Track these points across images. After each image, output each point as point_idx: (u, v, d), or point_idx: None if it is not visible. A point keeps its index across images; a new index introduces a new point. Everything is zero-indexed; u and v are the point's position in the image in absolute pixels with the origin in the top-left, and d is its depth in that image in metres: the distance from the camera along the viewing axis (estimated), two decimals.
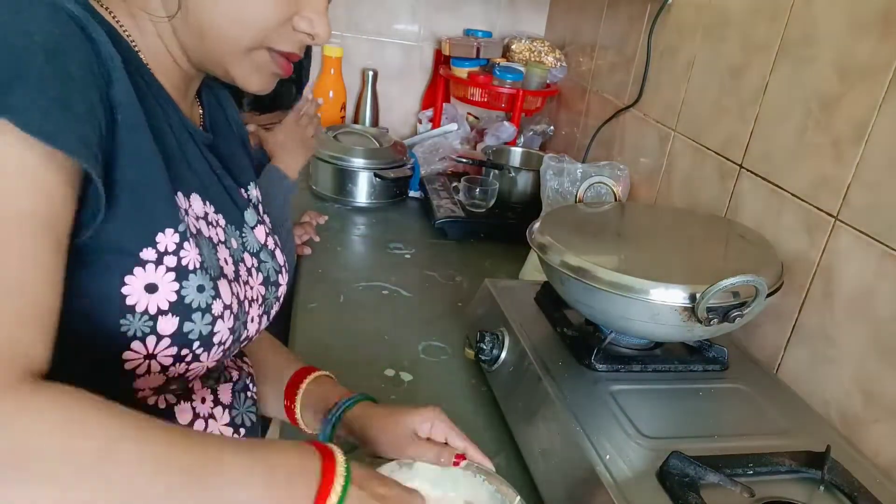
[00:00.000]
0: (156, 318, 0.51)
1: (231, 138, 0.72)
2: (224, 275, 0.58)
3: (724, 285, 0.74)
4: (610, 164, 1.49)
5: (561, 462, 0.75)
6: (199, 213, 0.58)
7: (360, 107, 2.11)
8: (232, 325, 0.58)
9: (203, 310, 0.54)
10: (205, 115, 0.68)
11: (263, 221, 0.72)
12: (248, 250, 0.66)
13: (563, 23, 2.08)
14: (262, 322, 0.67)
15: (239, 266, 0.63)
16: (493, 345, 0.94)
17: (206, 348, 0.56)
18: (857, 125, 0.89)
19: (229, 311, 0.57)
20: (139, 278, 0.50)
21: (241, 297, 0.61)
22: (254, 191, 0.73)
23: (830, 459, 0.72)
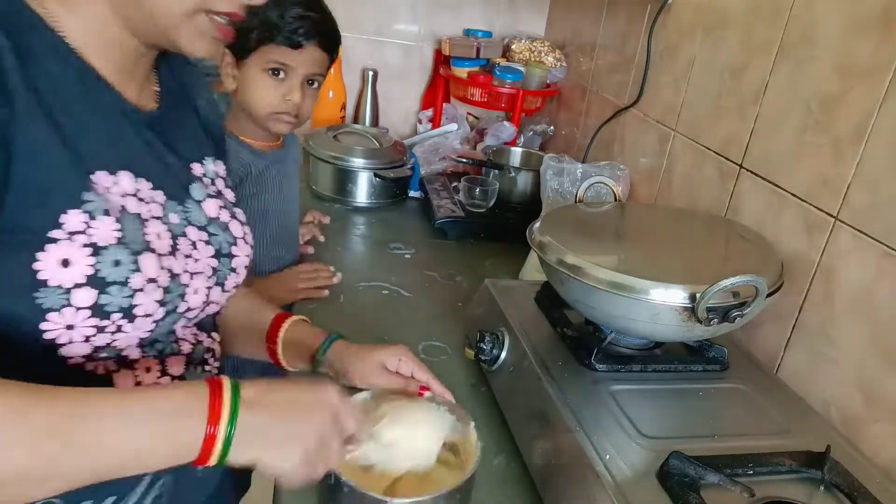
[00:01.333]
0: (70, 291, 0.54)
1: (188, 117, 0.73)
2: (151, 249, 0.60)
3: (724, 285, 0.74)
4: (610, 164, 1.49)
5: (561, 462, 0.75)
6: (128, 189, 0.60)
7: (360, 107, 2.11)
8: (160, 297, 0.60)
9: (120, 283, 0.56)
10: (161, 92, 0.69)
11: (219, 196, 0.73)
12: (194, 224, 0.68)
13: (563, 23, 2.08)
14: (213, 293, 0.69)
15: (178, 240, 0.65)
16: (493, 345, 0.94)
17: (129, 320, 0.58)
18: (857, 125, 0.89)
19: (154, 285, 0.59)
20: (51, 254, 0.53)
21: (178, 271, 0.63)
22: (211, 165, 0.74)
23: (830, 459, 0.72)
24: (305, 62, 1.09)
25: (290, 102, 1.10)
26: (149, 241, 0.60)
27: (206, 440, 0.51)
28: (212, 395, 0.52)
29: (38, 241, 0.52)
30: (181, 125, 0.71)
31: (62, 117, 0.55)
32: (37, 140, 0.52)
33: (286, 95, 1.09)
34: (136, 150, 0.63)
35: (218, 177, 0.75)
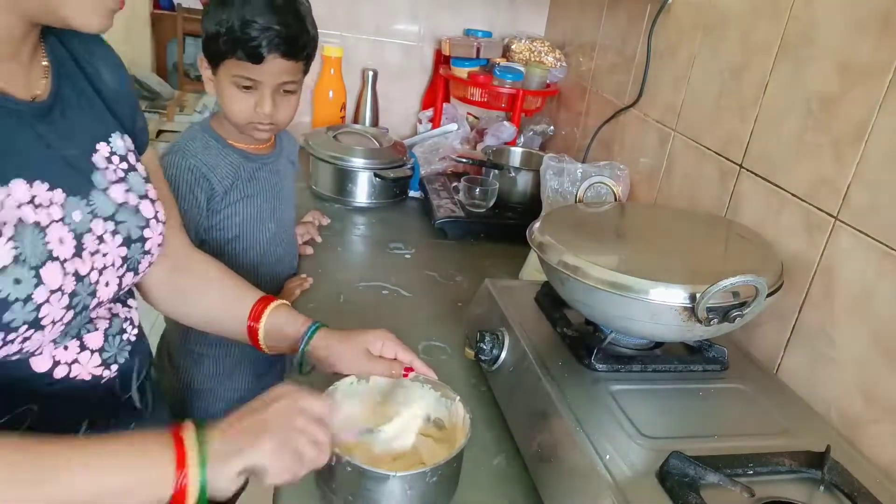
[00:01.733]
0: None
1: (86, 93, 0.68)
2: (54, 257, 0.59)
3: (724, 285, 0.74)
4: (610, 164, 1.49)
5: (561, 462, 0.75)
6: (23, 198, 0.58)
7: (360, 107, 2.11)
8: (67, 303, 0.60)
9: (24, 300, 0.56)
10: (52, 71, 0.64)
11: (125, 178, 0.70)
12: (100, 216, 0.66)
13: (563, 23, 2.08)
14: (125, 280, 0.69)
15: (83, 239, 0.63)
16: (493, 345, 0.94)
17: (37, 329, 0.58)
18: (857, 125, 0.89)
19: (59, 293, 0.59)
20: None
21: (85, 271, 0.63)
22: (119, 141, 0.71)
23: (830, 459, 0.72)
24: (271, 74, 1.04)
25: (261, 113, 1.07)
26: (51, 249, 0.59)
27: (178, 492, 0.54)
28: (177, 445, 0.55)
29: None
30: (79, 106, 0.67)
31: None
32: None
33: (257, 107, 1.06)
34: (28, 151, 0.60)
35: (129, 152, 0.72)
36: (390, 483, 0.68)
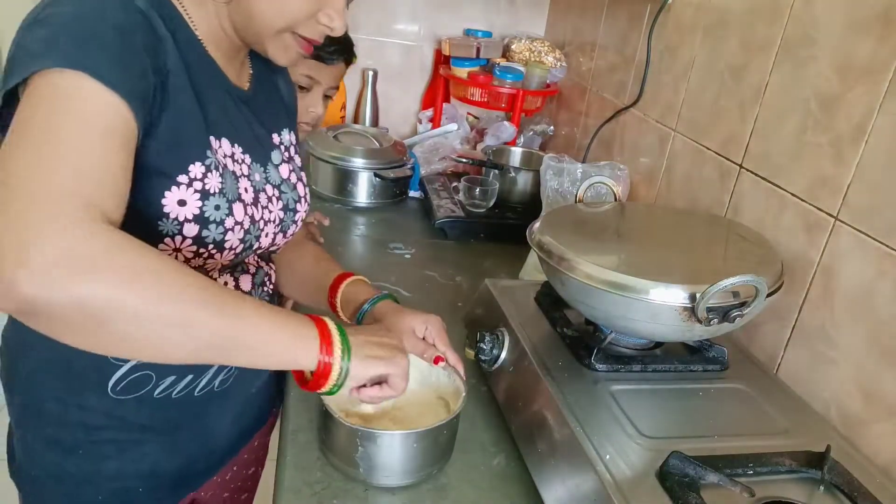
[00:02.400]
0: (182, 224, 0.69)
1: (273, 95, 0.90)
2: (241, 199, 0.75)
3: (724, 285, 0.74)
4: (610, 164, 1.49)
5: (561, 462, 0.75)
6: (227, 152, 0.75)
7: (360, 107, 2.11)
8: (242, 236, 0.76)
9: (217, 222, 0.72)
10: (253, 74, 0.85)
11: (290, 161, 0.89)
12: (271, 182, 0.83)
13: (563, 23, 2.08)
14: (277, 238, 0.85)
15: (259, 194, 0.80)
16: (493, 345, 0.94)
17: (219, 251, 0.74)
18: (856, 125, 0.89)
19: (240, 227, 0.75)
20: (174, 194, 0.68)
21: (257, 218, 0.78)
22: (287, 135, 0.90)
23: (830, 459, 0.72)
24: (330, 76, 1.17)
25: (312, 114, 1.17)
26: (240, 193, 0.75)
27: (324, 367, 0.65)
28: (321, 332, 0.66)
29: (168, 182, 0.67)
30: (267, 103, 0.87)
31: (198, 90, 0.71)
32: (184, 105, 0.68)
33: (310, 107, 1.17)
34: (235, 121, 0.78)
35: (291, 145, 0.91)
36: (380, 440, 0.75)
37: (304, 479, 0.78)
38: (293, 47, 0.76)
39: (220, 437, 0.90)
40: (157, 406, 0.79)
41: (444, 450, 0.82)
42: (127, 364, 0.75)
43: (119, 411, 0.78)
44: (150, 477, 0.83)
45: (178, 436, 0.83)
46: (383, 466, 0.76)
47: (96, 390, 0.76)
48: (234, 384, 0.86)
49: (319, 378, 0.65)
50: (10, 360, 0.83)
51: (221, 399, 0.86)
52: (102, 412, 0.78)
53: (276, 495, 0.77)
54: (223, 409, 0.87)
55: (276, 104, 0.90)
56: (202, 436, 0.87)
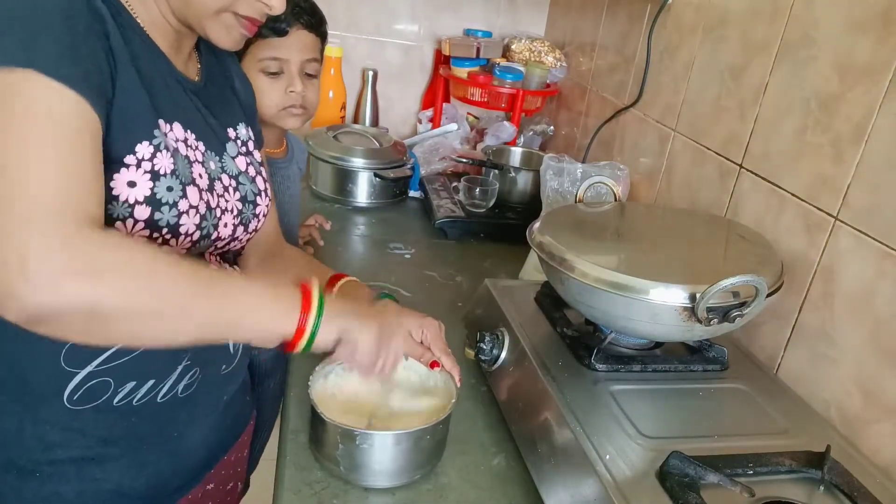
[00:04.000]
0: (133, 206, 0.67)
1: (225, 90, 0.87)
2: (195, 183, 0.73)
3: (724, 285, 0.74)
4: (610, 164, 1.49)
5: (561, 462, 0.75)
6: (180, 136, 0.73)
7: (360, 107, 2.11)
8: (198, 222, 0.73)
9: (170, 205, 0.69)
10: (201, 68, 0.83)
11: (248, 154, 0.87)
12: (227, 173, 0.81)
13: (563, 23, 2.08)
14: (238, 231, 0.82)
15: (214, 182, 0.78)
16: (493, 345, 0.94)
17: (174, 235, 0.71)
18: (856, 125, 0.89)
19: (195, 211, 0.72)
20: (123, 176, 0.66)
21: (213, 205, 0.76)
22: (243, 130, 0.88)
23: (830, 459, 0.72)
24: (297, 49, 1.07)
25: (294, 94, 1.09)
26: (194, 177, 0.73)
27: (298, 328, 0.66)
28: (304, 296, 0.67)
29: (116, 164, 0.65)
30: (219, 97, 0.85)
31: (143, 73, 0.68)
32: (129, 84, 0.66)
33: (288, 88, 1.08)
34: (186, 108, 0.76)
35: (249, 139, 0.89)
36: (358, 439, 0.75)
37: (304, 479, 0.78)
38: (235, 28, 0.74)
39: (190, 451, 0.84)
40: (118, 415, 0.74)
41: (430, 454, 0.80)
42: (82, 371, 0.71)
43: (77, 423, 0.73)
44: (116, 498, 0.78)
45: (142, 450, 0.78)
46: (362, 466, 0.76)
47: (52, 401, 0.71)
48: (200, 389, 0.81)
49: (295, 337, 0.67)
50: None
51: (188, 407, 0.81)
52: (60, 426, 0.73)
53: (276, 495, 0.77)
54: (191, 417, 0.82)
55: (230, 99, 0.88)
56: (170, 449, 0.81)
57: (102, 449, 0.75)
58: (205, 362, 0.81)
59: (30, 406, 0.72)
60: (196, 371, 0.80)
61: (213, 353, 0.82)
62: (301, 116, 1.13)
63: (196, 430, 0.84)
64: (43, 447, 0.73)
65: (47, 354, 0.70)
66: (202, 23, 0.72)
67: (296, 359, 1.01)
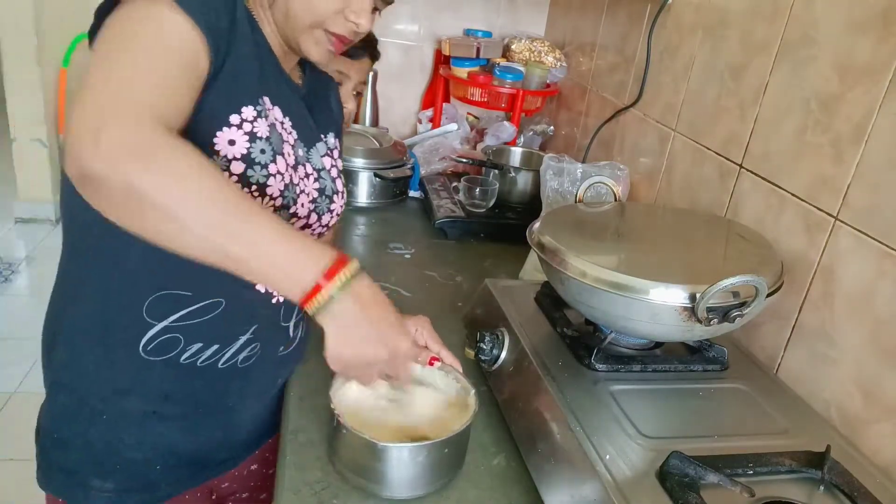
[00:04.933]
0: (230, 161, 0.74)
1: (323, 102, 0.96)
2: (283, 154, 0.79)
3: (724, 285, 0.74)
4: (610, 164, 1.49)
5: (561, 462, 0.75)
6: (279, 118, 0.81)
7: (360, 107, 2.11)
8: (282, 187, 0.79)
9: (262, 165, 0.76)
10: (305, 81, 0.91)
11: (332, 156, 0.93)
12: (311, 163, 0.88)
13: (563, 23, 2.08)
14: (312, 217, 0.87)
15: (299, 165, 0.84)
16: (493, 345, 0.94)
17: (261, 195, 0.77)
18: (856, 125, 0.89)
19: (280, 177, 0.79)
20: (225, 134, 0.73)
21: (296, 181, 0.82)
22: (332, 139, 0.95)
23: (830, 459, 0.72)
24: (358, 71, 1.21)
25: (346, 110, 1.16)
26: (283, 150, 0.80)
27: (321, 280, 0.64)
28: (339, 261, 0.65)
29: (220, 123, 0.72)
30: (318, 107, 0.93)
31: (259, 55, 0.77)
32: (246, 54, 0.74)
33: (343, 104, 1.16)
34: (289, 101, 0.84)
35: (336, 148, 0.96)
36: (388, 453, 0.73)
37: (304, 479, 0.78)
38: (324, 43, 0.81)
39: (240, 426, 0.91)
40: (182, 373, 0.81)
41: (455, 461, 0.80)
42: (159, 324, 0.78)
43: (146, 374, 0.80)
44: (169, 455, 0.85)
45: (198, 414, 0.85)
46: (393, 479, 0.75)
47: (128, 348, 0.79)
48: (257, 365, 0.87)
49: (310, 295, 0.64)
50: (54, 316, 0.85)
51: (244, 380, 0.87)
52: (130, 373, 0.80)
53: (276, 495, 0.77)
54: (245, 391, 0.88)
55: (326, 110, 0.96)
56: (223, 421, 0.88)
57: (162, 405, 0.83)
58: (266, 340, 0.86)
59: (110, 349, 0.80)
60: (257, 346, 0.85)
61: (275, 332, 0.88)
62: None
63: (248, 405, 0.90)
64: (112, 390, 0.81)
65: (132, 304, 0.77)
66: (297, 36, 0.80)
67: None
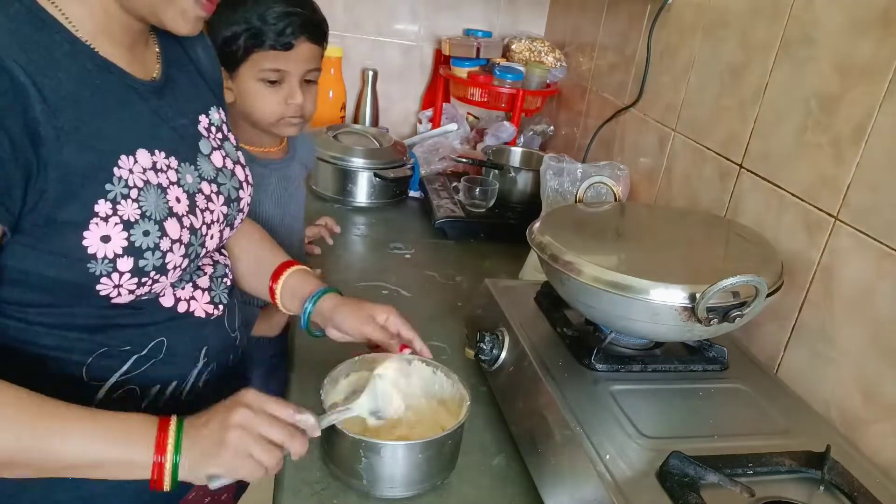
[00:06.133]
0: (114, 260, 0.66)
1: (190, 75, 0.81)
2: (173, 213, 0.71)
3: (724, 285, 0.74)
4: (610, 164, 1.49)
5: (561, 462, 0.75)
6: (146, 164, 0.69)
7: (360, 107, 2.11)
8: (184, 252, 0.72)
9: (152, 249, 0.68)
10: (161, 55, 0.76)
11: (221, 145, 0.83)
12: (206, 179, 0.78)
13: (563, 23, 2.08)
14: (224, 234, 0.82)
15: (195, 198, 0.75)
16: (493, 345, 0.94)
17: (162, 273, 0.70)
18: (857, 125, 0.89)
19: (179, 244, 0.71)
20: (94, 232, 0.64)
21: (197, 226, 0.74)
22: (216, 114, 0.83)
23: (830, 459, 0.72)
24: (299, 61, 1.05)
25: (293, 105, 1.07)
26: (170, 206, 0.71)
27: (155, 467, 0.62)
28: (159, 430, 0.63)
29: (80, 227, 0.64)
30: (186, 85, 0.79)
31: (84, 121, 0.63)
32: (65, 156, 0.62)
33: (288, 99, 1.07)
34: (148, 123, 0.71)
35: (222, 123, 0.84)
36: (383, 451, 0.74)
37: (304, 479, 0.78)
38: (191, 10, 0.68)
39: None
40: None
41: (449, 459, 0.81)
42: (106, 383, 0.72)
43: None
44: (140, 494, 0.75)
45: None
46: (387, 478, 0.75)
47: None
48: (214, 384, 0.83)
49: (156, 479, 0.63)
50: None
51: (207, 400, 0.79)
52: None
53: (275, 495, 0.77)
54: None
55: (196, 83, 0.82)
56: None
57: None
58: (217, 354, 0.83)
59: None
60: (213, 365, 0.82)
61: (224, 343, 0.85)
62: (298, 125, 1.13)
63: None
64: None
65: (70, 369, 0.70)
66: (155, 10, 0.67)
67: (297, 358, 1.02)
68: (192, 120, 0.79)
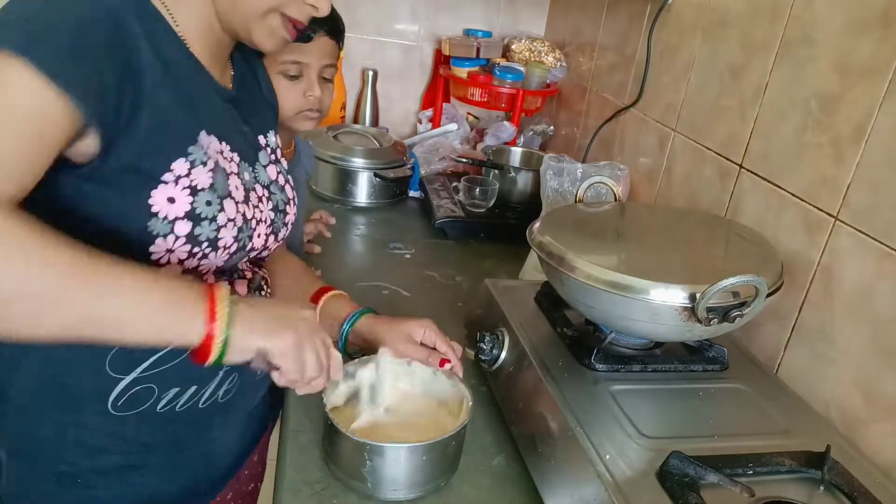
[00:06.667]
0: (174, 222, 0.68)
1: (256, 95, 0.89)
2: (231, 196, 0.74)
3: (724, 285, 0.74)
4: (610, 164, 1.49)
5: (561, 462, 0.75)
6: (217, 149, 0.74)
7: (360, 107, 2.11)
8: (235, 234, 0.74)
9: (209, 219, 0.71)
10: (235, 75, 0.84)
11: (276, 163, 0.88)
12: (260, 182, 0.82)
13: (563, 23, 2.08)
14: (269, 240, 0.84)
15: (250, 193, 0.79)
16: (493, 345, 0.94)
17: (213, 249, 0.72)
18: (857, 125, 0.89)
19: (233, 224, 0.74)
20: (162, 192, 0.67)
21: (248, 217, 0.77)
22: (273, 137, 0.89)
23: (830, 459, 0.72)
24: (318, 54, 1.08)
25: (311, 98, 1.09)
26: (230, 189, 0.74)
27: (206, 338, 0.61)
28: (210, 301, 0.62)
29: (153, 181, 0.66)
30: (251, 104, 0.86)
31: (179, 86, 0.69)
32: (163, 103, 0.67)
33: (307, 92, 1.08)
34: (223, 119, 0.77)
35: (277, 147, 0.90)
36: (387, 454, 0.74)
37: (304, 479, 0.78)
38: (279, 31, 0.75)
39: (223, 455, 0.87)
40: (161, 422, 0.76)
41: (452, 461, 0.81)
42: (127, 377, 0.72)
43: (120, 429, 0.74)
44: (149, 502, 0.79)
45: (182, 455, 0.80)
46: (390, 480, 0.75)
47: (96, 407, 0.72)
48: (237, 395, 0.83)
49: (203, 349, 0.61)
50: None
51: (225, 412, 0.83)
52: (103, 432, 0.74)
53: (276, 495, 0.77)
54: (227, 422, 0.85)
55: (260, 105, 0.89)
56: (206, 454, 0.84)
57: (144, 455, 0.77)
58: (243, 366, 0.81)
59: (72, 411, 0.73)
60: (235, 376, 0.81)
61: None
62: (316, 120, 1.14)
63: (229, 434, 0.86)
64: (85, 452, 0.74)
65: (92, 359, 0.71)
66: (248, 25, 0.73)
67: None
68: (255, 133, 0.85)
